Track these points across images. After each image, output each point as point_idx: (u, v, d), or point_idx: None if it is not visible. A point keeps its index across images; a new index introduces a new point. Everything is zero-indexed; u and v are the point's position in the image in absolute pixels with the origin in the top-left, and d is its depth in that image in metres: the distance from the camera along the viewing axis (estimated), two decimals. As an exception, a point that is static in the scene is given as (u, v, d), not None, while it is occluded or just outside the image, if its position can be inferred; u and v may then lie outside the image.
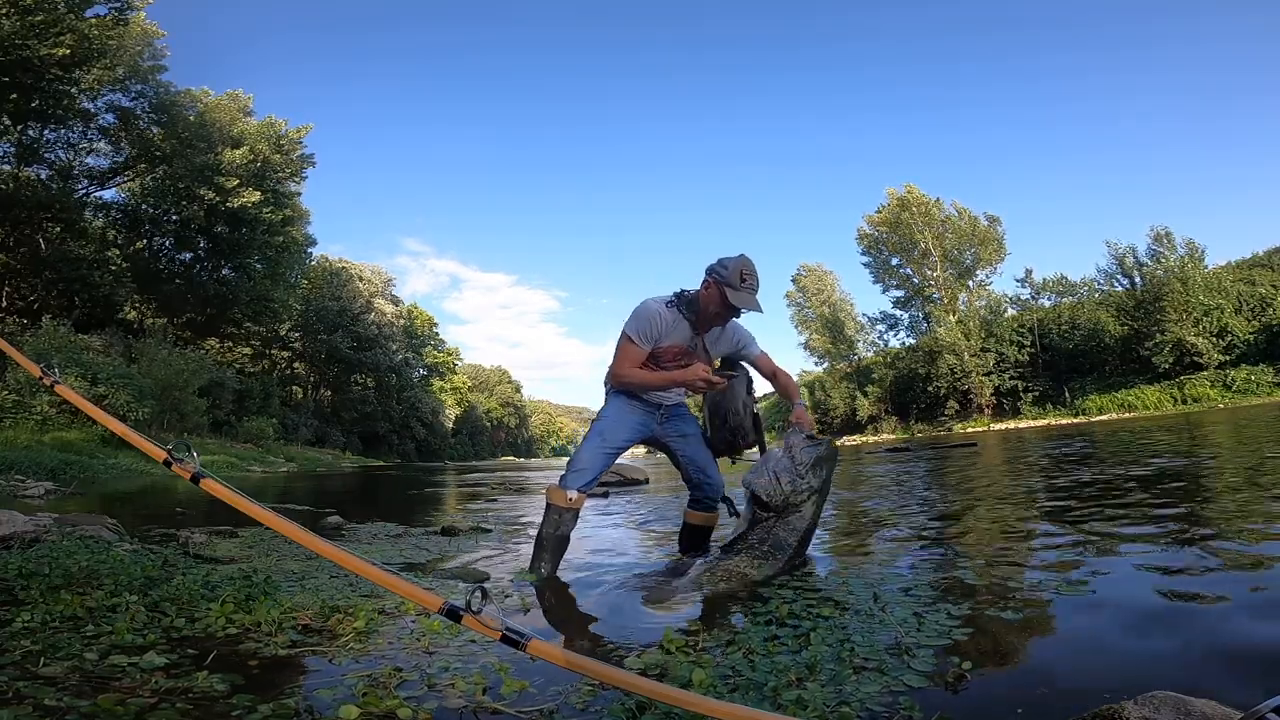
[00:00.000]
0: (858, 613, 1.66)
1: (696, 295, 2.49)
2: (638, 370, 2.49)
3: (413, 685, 1.31)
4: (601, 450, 2.50)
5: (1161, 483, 3.98)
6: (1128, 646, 1.36)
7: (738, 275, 2.35)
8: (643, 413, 2.60)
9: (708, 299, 2.43)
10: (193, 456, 1.23)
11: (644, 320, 2.46)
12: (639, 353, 2.48)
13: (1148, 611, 1.54)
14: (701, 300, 2.46)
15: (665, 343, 2.50)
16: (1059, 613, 1.59)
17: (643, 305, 2.50)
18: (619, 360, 2.52)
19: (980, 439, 18.92)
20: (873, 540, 2.92)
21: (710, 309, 2.44)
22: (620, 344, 2.53)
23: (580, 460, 2.48)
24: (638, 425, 2.59)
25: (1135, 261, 36.62)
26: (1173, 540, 2.25)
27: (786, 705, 1.13)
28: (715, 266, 2.42)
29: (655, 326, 2.47)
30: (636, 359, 2.49)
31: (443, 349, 66.59)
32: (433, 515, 5.77)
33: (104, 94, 25.19)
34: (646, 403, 2.61)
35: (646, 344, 2.48)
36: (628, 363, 2.49)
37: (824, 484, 2.37)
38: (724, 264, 2.40)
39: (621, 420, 2.55)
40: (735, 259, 2.39)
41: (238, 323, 33.31)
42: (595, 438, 2.52)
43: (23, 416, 14.01)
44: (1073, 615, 1.56)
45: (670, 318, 2.47)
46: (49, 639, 1.47)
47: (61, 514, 3.73)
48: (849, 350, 51.83)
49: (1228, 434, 8.70)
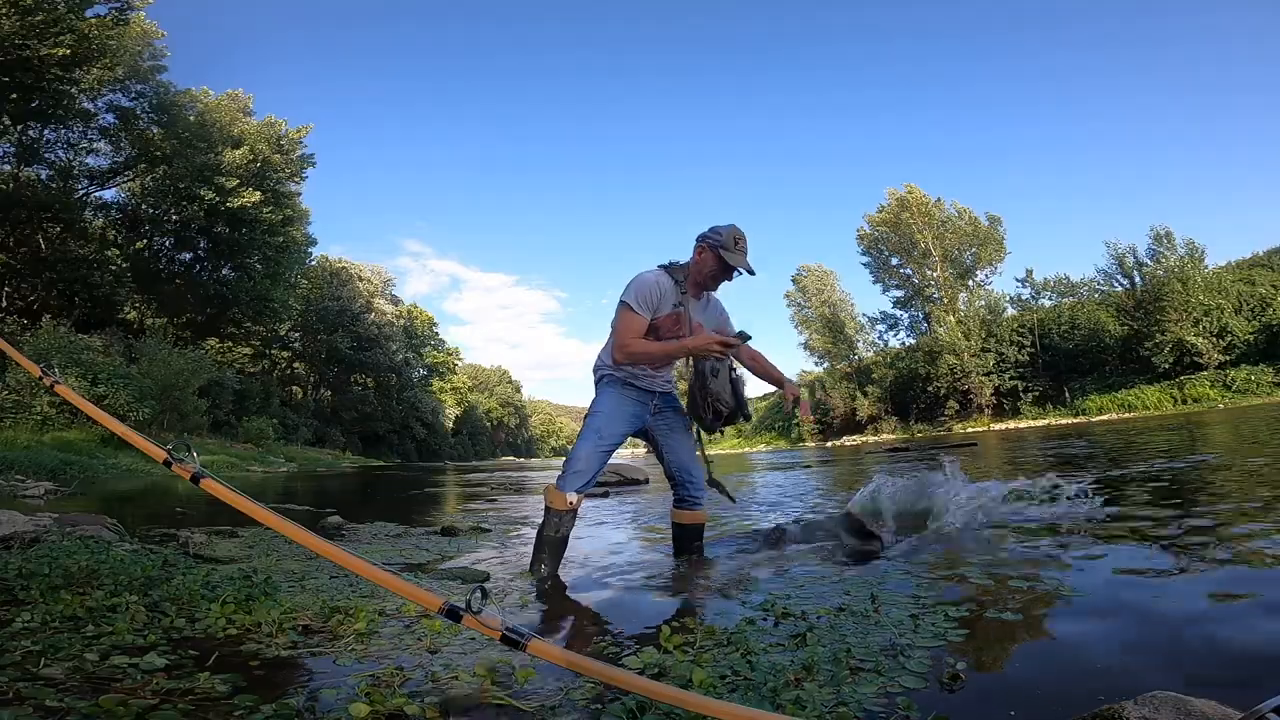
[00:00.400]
0: (854, 614, 1.67)
1: (686, 265, 2.51)
2: (645, 341, 2.41)
3: (416, 683, 1.32)
4: (599, 449, 2.44)
5: (1164, 483, 3.98)
6: (1128, 647, 1.36)
7: (731, 239, 2.42)
8: (636, 404, 2.53)
9: (701, 264, 2.46)
10: (193, 456, 1.23)
11: (644, 288, 2.42)
12: (641, 322, 2.41)
13: (1148, 612, 1.55)
14: (694, 266, 2.48)
15: (662, 313, 2.46)
16: (1059, 614, 1.59)
17: (639, 275, 2.48)
18: (622, 332, 2.42)
19: (980, 439, 18.91)
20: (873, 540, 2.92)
21: (705, 272, 2.47)
22: (620, 316, 2.44)
23: (578, 461, 2.41)
24: (632, 417, 2.52)
25: (1135, 261, 36.61)
26: (1175, 541, 2.25)
27: (785, 705, 1.13)
28: (707, 233, 2.47)
29: (654, 295, 2.43)
30: (640, 329, 2.41)
31: (443, 349, 66.55)
32: (433, 515, 5.76)
33: (104, 94, 25.20)
34: (641, 391, 2.53)
35: (647, 313, 2.42)
36: (631, 334, 2.40)
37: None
38: (716, 230, 2.45)
39: (617, 414, 2.49)
40: (727, 226, 2.45)
41: (238, 323, 33.30)
42: (592, 435, 2.45)
43: (23, 416, 14.00)
44: (1073, 616, 1.56)
45: (666, 285, 2.46)
46: (49, 639, 1.47)
47: (61, 514, 3.73)
48: (849, 350, 51.82)
49: (1228, 433, 8.70)
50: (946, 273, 44.33)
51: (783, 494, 5.97)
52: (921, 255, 45.11)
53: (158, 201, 28.96)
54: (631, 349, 2.39)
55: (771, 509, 4.57)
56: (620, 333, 2.42)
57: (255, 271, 31.57)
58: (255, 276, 31.58)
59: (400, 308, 56.79)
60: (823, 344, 52.59)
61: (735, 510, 4.34)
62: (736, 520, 3.96)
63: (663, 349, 2.39)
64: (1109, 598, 1.68)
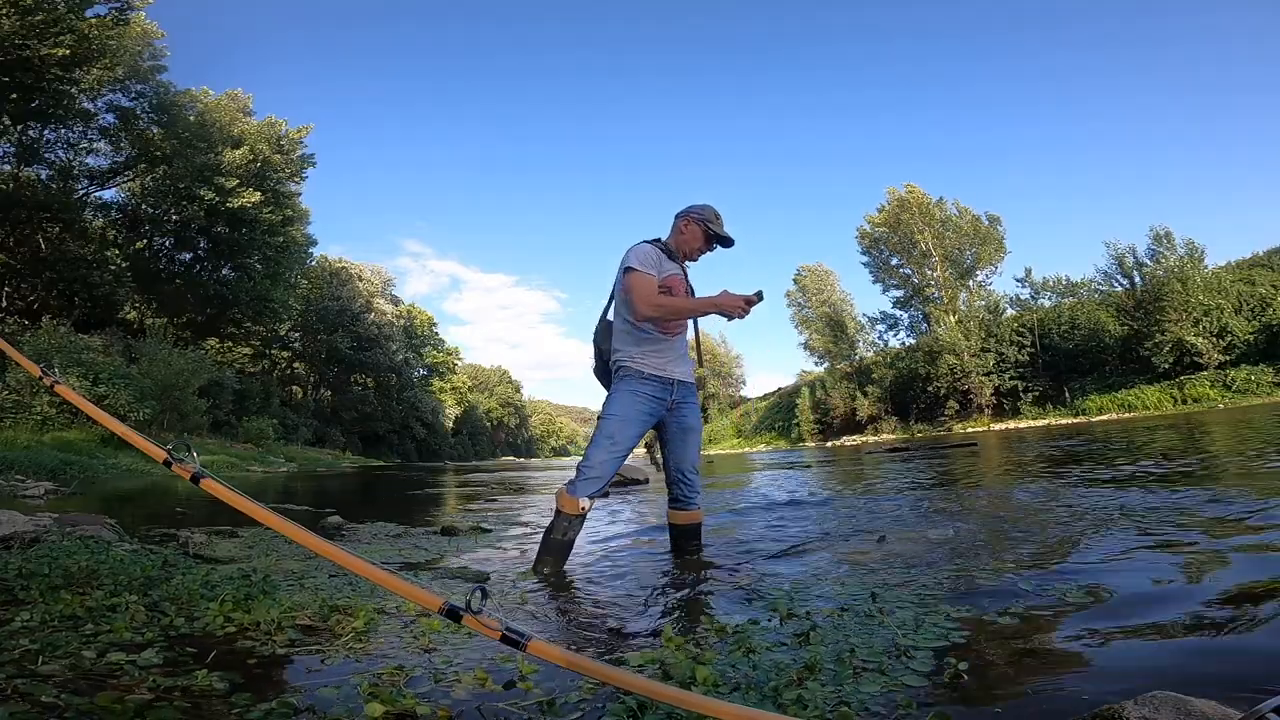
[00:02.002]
0: (857, 614, 1.66)
1: (668, 240, 2.65)
2: (668, 297, 2.44)
3: (419, 681, 1.32)
4: (613, 455, 2.43)
5: (1167, 484, 3.98)
6: (1129, 647, 1.36)
7: (712, 213, 2.62)
8: (653, 400, 2.49)
9: (689, 237, 2.61)
10: (192, 456, 1.23)
11: (643, 254, 2.49)
12: (653, 280, 2.44)
13: (1149, 612, 1.54)
14: (679, 240, 2.63)
15: (665, 274, 2.51)
16: (1061, 614, 1.59)
17: (634, 246, 2.56)
18: (638, 292, 2.41)
19: (980, 439, 18.92)
20: (874, 540, 2.92)
21: (692, 245, 2.62)
22: (630, 280, 2.44)
23: (592, 467, 2.40)
24: (648, 416, 2.50)
25: (1135, 261, 36.60)
26: (1176, 543, 2.25)
27: (787, 705, 1.13)
28: (689, 209, 2.64)
29: (653, 259, 2.50)
30: (654, 286, 2.43)
31: (442, 349, 66.57)
32: (433, 515, 5.76)
33: (104, 94, 25.23)
34: (660, 384, 2.50)
35: (655, 273, 2.47)
36: (649, 289, 2.41)
37: None
38: (696, 207, 2.64)
39: (630, 416, 2.45)
40: (703, 204, 2.65)
41: (238, 323, 33.31)
42: (605, 441, 2.42)
43: (23, 416, 14.00)
44: (1075, 617, 1.56)
45: (661, 254, 2.55)
46: (48, 638, 1.47)
47: (61, 514, 3.73)
48: (849, 350, 51.83)
49: (1228, 434, 8.70)
50: (946, 273, 44.34)
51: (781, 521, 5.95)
52: (921, 255, 45.12)
53: (158, 201, 28.97)
54: (657, 301, 2.42)
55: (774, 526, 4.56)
56: (638, 293, 2.42)
57: (255, 271, 31.58)
58: (255, 276, 31.60)
59: (400, 308, 56.82)
60: (823, 344, 52.62)
61: (736, 510, 4.34)
62: (737, 520, 3.96)
63: (688, 303, 2.50)
64: (1112, 599, 1.68)
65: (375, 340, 47.29)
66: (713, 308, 2.40)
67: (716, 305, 2.39)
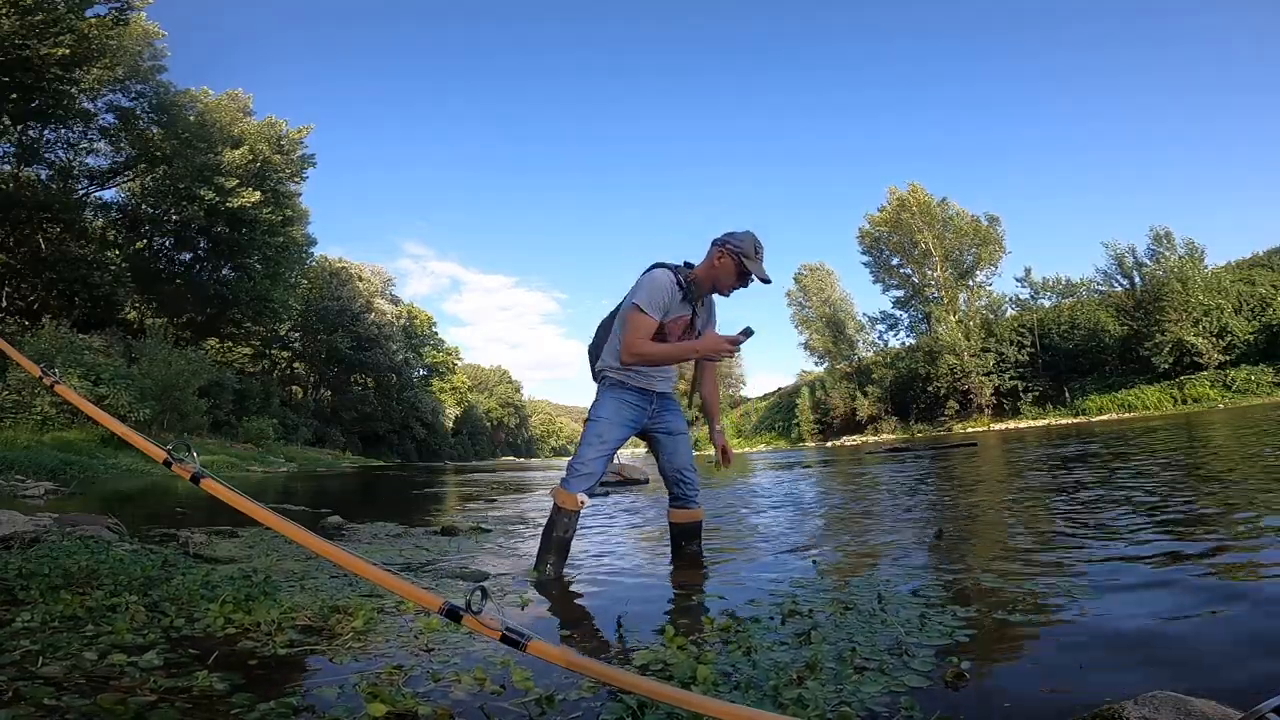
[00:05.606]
0: (860, 612, 1.66)
1: (694, 269, 2.50)
2: (654, 343, 2.41)
3: (418, 681, 1.32)
4: (602, 453, 2.48)
5: (1168, 482, 3.98)
6: (1129, 647, 1.36)
7: (751, 247, 2.41)
8: (635, 408, 2.54)
9: (721, 269, 2.44)
10: (192, 456, 1.23)
11: (656, 291, 2.40)
12: (652, 324, 2.40)
13: (1150, 613, 1.54)
14: (711, 272, 2.46)
15: (671, 316, 2.45)
16: (1064, 615, 1.59)
17: (651, 276, 2.45)
18: (631, 333, 2.40)
19: (980, 439, 18.91)
20: (877, 540, 2.92)
21: (722, 279, 2.45)
22: (629, 317, 2.42)
23: (585, 464, 2.46)
24: (631, 421, 2.54)
25: (1135, 262, 36.60)
26: (1178, 544, 2.25)
27: (788, 704, 1.13)
28: (726, 238, 2.44)
29: (666, 297, 2.42)
30: (650, 330, 2.40)
31: (442, 349, 66.54)
32: (433, 515, 5.76)
33: (104, 94, 25.20)
34: (641, 394, 2.55)
35: (658, 315, 2.41)
36: (640, 334, 2.39)
37: None
38: (735, 236, 2.43)
39: (616, 419, 2.51)
40: (744, 232, 2.44)
41: (238, 323, 33.30)
42: (594, 439, 2.48)
43: (23, 416, 14.00)
44: (1077, 617, 1.56)
45: (676, 289, 2.45)
46: (48, 639, 1.47)
47: (61, 514, 3.73)
48: (849, 350, 51.84)
49: (1228, 434, 8.70)
50: (946, 273, 44.34)
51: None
52: (921, 255, 45.12)
53: (158, 201, 28.95)
54: (640, 349, 2.38)
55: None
56: (630, 334, 2.41)
57: (255, 271, 31.57)
58: (255, 276, 31.58)
59: (400, 307, 56.80)
60: (823, 344, 52.62)
61: (736, 509, 4.33)
62: (737, 520, 3.96)
63: (672, 351, 2.41)
64: (1113, 599, 1.68)
65: (375, 340, 47.27)
66: (696, 354, 2.39)
67: (697, 351, 2.38)
